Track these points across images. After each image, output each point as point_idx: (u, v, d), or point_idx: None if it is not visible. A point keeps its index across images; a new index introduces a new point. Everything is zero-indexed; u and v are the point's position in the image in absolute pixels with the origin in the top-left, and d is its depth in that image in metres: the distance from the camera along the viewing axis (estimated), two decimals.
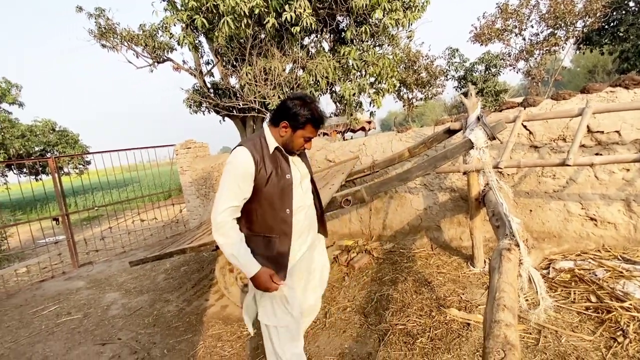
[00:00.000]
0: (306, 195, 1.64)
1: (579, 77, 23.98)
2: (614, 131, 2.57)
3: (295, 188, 1.56)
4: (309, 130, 1.48)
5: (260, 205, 1.49)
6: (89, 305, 3.70)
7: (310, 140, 1.53)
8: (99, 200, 11.13)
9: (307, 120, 1.44)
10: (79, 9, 8.09)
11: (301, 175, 1.61)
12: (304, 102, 1.44)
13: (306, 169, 1.68)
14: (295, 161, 1.61)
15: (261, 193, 1.46)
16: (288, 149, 1.53)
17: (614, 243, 2.71)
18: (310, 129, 1.47)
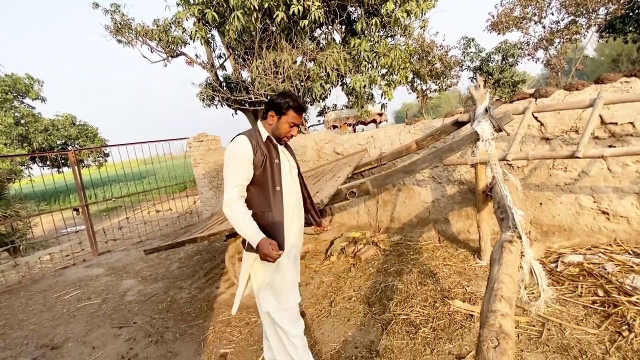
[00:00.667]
0: (295, 183, 1.81)
1: (602, 66, 22.92)
2: (628, 122, 2.49)
3: (285, 174, 1.73)
4: (291, 116, 1.66)
5: (256, 186, 1.67)
6: (108, 291, 3.88)
7: (295, 126, 1.69)
8: (117, 192, 11.51)
9: (289, 106, 1.64)
10: (95, 5, 8.29)
11: (290, 165, 1.78)
12: (284, 94, 1.67)
13: (294, 161, 1.84)
14: (284, 152, 1.78)
15: (257, 174, 1.64)
16: (276, 135, 1.70)
17: (626, 237, 2.64)
18: (292, 114, 1.66)
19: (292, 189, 1.77)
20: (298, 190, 1.84)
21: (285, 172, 1.72)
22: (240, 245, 2.88)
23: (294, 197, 1.78)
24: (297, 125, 1.71)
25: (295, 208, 1.79)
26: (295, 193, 1.79)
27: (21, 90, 15.23)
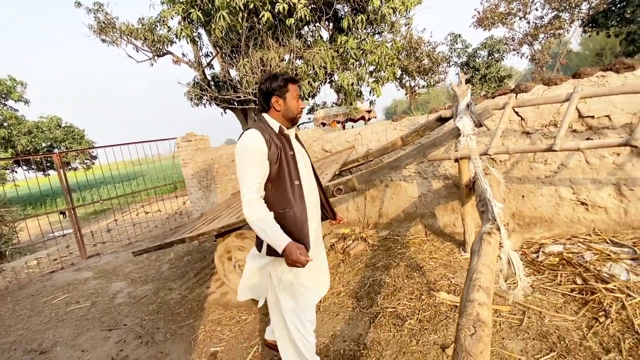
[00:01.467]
0: (311, 176, 1.72)
1: (587, 60, 23.41)
2: (605, 116, 2.58)
3: (301, 167, 1.63)
4: (293, 89, 1.57)
5: (273, 183, 1.53)
6: (97, 294, 3.85)
7: (300, 97, 1.62)
8: (105, 194, 11.35)
9: (285, 80, 1.55)
10: (77, 4, 8.13)
11: (302, 156, 1.69)
12: (273, 76, 1.57)
13: (304, 152, 1.75)
14: (297, 143, 1.69)
15: (273, 169, 1.52)
16: (290, 117, 1.60)
17: (604, 227, 2.74)
18: (293, 87, 1.57)
19: (310, 182, 1.68)
20: (314, 184, 1.74)
21: (301, 165, 1.61)
22: (228, 244, 2.89)
23: (313, 191, 1.69)
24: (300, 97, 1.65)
25: (313, 200, 1.68)
26: (312, 186, 1.70)
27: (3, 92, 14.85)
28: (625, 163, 2.59)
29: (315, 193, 1.73)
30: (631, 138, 1.97)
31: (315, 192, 1.73)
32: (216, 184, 5.84)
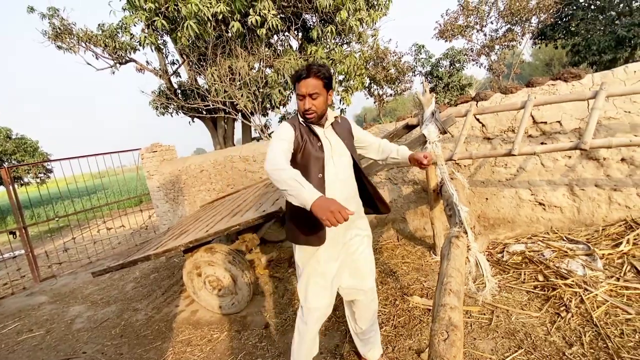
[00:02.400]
0: (339, 169, 1.64)
1: (538, 70, 25.32)
2: (556, 121, 2.77)
3: (327, 160, 1.61)
4: (297, 90, 1.57)
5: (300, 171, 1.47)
6: (52, 320, 3.54)
7: (303, 97, 1.55)
8: (63, 210, 10.57)
9: (293, 80, 1.59)
10: (30, 9, 7.64)
11: (332, 149, 1.64)
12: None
13: (341, 144, 1.67)
14: (327, 134, 1.65)
15: (297, 158, 1.58)
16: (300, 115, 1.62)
17: (560, 225, 2.92)
18: (297, 87, 1.56)
19: (337, 176, 1.62)
20: (347, 178, 1.67)
21: (328, 158, 1.60)
22: (197, 260, 2.77)
23: (340, 185, 1.63)
24: (308, 95, 1.53)
25: (339, 196, 1.58)
26: (340, 181, 1.63)
27: None
28: (576, 165, 2.79)
29: (349, 188, 1.68)
30: (580, 142, 2.13)
31: (349, 186, 1.68)
32: (184, 196, 5.62)
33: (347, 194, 1.67)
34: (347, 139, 1.70)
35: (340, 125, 1.71)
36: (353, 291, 1.79)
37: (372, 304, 1.85)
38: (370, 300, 1.83)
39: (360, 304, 1.81)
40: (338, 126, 1.69)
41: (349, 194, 1.68)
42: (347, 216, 1.22)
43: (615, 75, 2.61)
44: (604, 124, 2.64)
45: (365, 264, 1.79)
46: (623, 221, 2.67)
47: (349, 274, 1.78)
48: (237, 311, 2.83)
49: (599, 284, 2.13)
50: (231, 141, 9.01)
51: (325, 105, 1.61)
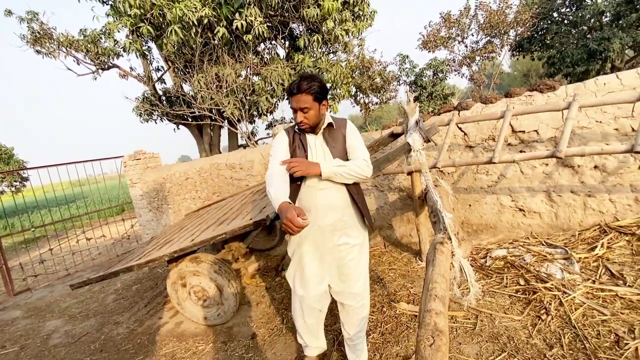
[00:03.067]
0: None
1: (516, 80, 26.31)
2: (533, 130, 2.88)
3: None
4: (290, 103, 1.66)
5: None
6: (27, 336, 3.37)
7: (296, 111, 1.64)
8: (39, 220, 10.15)
9: (287, 96, 1.67)
10: (8, 12, 7.44)
11: (317, 157, 1.71)
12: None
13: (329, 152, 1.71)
14: (317, 141, 1.72)
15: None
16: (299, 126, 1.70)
17: (540, 230, 3.02)
18: (290, 100, 1.65)
19: (318, 184, 1.69)
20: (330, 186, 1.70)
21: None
22: (182, 270, 2.72)
23: (321, 194, 1.69)
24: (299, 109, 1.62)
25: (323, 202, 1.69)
26: (321, 190, 1.69)
27: None
28: (553, 172, 2.90)
29: (333, 197, 1.71)
30: (556, 150, 2.22)
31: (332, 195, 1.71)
32: (168, 205, 5.51)
33: (331, 202, 1.71)
34: (338, 146, 1.73)
35: (334, 132, 1.74)
36: (342, 294, 1.86)
37: (361, 309, 1.88)
38: (359, 306, 1.86)
39: (350, 308, 1.86)
40: (331, 133, 1.73)
41: (334, 203, 1.72)
42: (300, 224, 1.30)
43: (587, 87, 2.76)
44: (578, 133, 2.77)
45: (353, 270, 1.82)
46: (597, 226, 2.79)
47: (338, 277, 1.84)
48: (223, 322, 2.78)
49: (577, 287, 2.21)
50: (217, 148, 8.93)
51: (318, 116, 1.67)
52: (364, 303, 1.89)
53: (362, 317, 1.89)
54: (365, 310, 1.91)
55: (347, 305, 1.86)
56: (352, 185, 1.76)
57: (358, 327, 1.88)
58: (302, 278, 1.84)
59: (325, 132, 1.73)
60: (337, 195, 1.73)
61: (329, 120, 1.74)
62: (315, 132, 1.73)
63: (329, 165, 1.64)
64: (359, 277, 1.85)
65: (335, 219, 1.74)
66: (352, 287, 1.83)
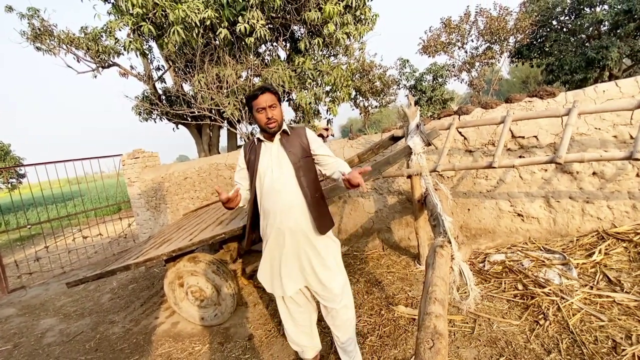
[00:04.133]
0: (276, 180, 1.75)
1: (515, 87, 26.47)
2: (533, 136, 2.90)
3: (264, 173, 1.77)
4: (254, 104, 1.72)
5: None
6: (21, 334, 3.34)
7: (264, 109, 1.71)
8: (35, 218, 10.08)
9: (246, 100, 1.75)
10: (8, 8, 7.42)
11: (277, 161, 1.76)
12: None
13: (284, 156, 1.77)
14: (273, 148, 1.79)
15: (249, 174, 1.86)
16: (262, 127, 1.78)
17: (538, 235, 3.03)
18: (254, 104, 1.72)
19: (272, 187, 1.74)
20: (284, 188, 1.73)
21: (265, 170, 1.76)
22: (180, 270, 2.71)
23: (275, 196, 1.74)
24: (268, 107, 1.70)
25: (274, 207, 1.74)
26: (276, 191, 1.73)
27: None
28: (552, 178, 2.92)
29: (288, 199, 1.74)
30: (555, 156, 2.24)
31: (288, 197, 1.73)
32: (166, 204, 5.49)
33: (286, 204, 1.74)
34: (294, 150, 1.78)
35: (291, 137, 1.81)
36: (320, 295, 1.86)
37: (344, 311, 1.87)
38: (341, 307, 1.85)
39: (334, 311, 1.86)
40: (287, 138, 1.80)
41: (289, 204, 1.74)
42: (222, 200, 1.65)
43: (586, 94, 2.78)
44: (577, 140, 2.79)
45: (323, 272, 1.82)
46: (595, 232, 2.80)
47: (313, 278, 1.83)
48: (220, 322, 2.76)
49: (574, 293, 2.21)
50: (216, 149, 8.91)
51: (282, 116, 1.79)
52: (346, 304, 1.88)
53: (347, 318, 1.88)
54: (350, 312, 1.90)
55: (330, 308, 1.86)
56: (307, 187, 1.76)
57: (346, 331, 1.88)
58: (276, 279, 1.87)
59: (282, 139, 1.80)
60: (293, 197, 1.75)
61: (285, 126, 1.82)
62: (271, 140, 1.80)
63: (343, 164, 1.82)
64: (333, 277, 1.83)
65: (294, 222, 1.75)
66: (329, 288, 1.82)
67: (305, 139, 1.82)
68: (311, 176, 1.80)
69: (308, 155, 1.80)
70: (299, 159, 1.77)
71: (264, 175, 1.77)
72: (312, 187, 1.78)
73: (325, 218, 1.83)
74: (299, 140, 1.81)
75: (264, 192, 1.77)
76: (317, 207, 1.78)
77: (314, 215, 1.76)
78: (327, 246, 1.85)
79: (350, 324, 1.89)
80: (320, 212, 1.80)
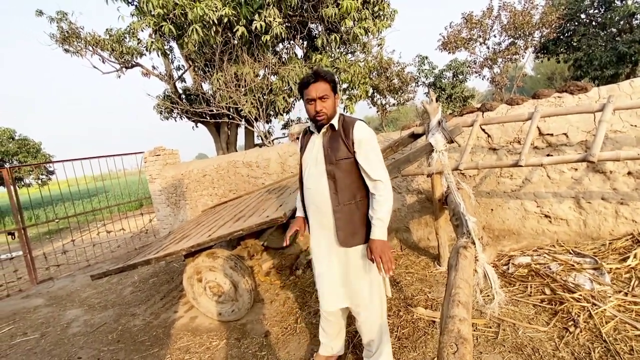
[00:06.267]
0: (310, 177, 1.70)
1: (539, 83, 25.48)
2: (562, 133, 2.76)
3: (306, 166, 1.73)
4: (305, 95, 1.60)
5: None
6: (48, 324, 3.48)
7: (313, 101, 1.58)
8: (63, 212, 10.53)
9: (299, 88, 1.65)
10: (39, 12, 7.76)
11: (315, 156, 1.68)
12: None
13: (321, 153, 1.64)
14: (316, 142, 1.69)
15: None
16: (310, 118, 1.68)
17: (566, 238, 2.88)
18: (305, 93, 1.60)
19: (307, 183, 1.71)
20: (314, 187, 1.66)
21: (305, 164, 1.72)
22: (199, 265, 2.74)
23: (308, 194, 1.72)
24: (318, 99, 1.56)
25: (312, 206, 1.72)
26: (308, 189, 1.71)
27: None
28: (583, 178, 2.77)
29: (318, 199, 1.66)
30: (588, 154, 2.11)
31: (318, 197, 1.66)
32: (186, 200, 5.60)
33: (316, 204, 1.68)
34: (334, 148, 1.60)
35: (336, 133, 1.62)
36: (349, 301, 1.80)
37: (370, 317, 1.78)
38: (366, 316, 1.78)
39: (359, 316, 1.81)
40: (333, 133, 1.63)
41: (317, 205, 1.67)
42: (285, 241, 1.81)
43: (621, 89, 2.61)
44: (611, 137, 2.63)
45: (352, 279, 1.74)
46: (630, 235, 2.64)
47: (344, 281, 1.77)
48: (237, 318, 2.78)
49: (607, 299, 2.09)
50: (234, 147, 9.02)
51: (334, 108, 1.63)
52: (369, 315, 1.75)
53: (371, 325, 1.78)
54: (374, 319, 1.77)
55: (357, 313, 1.80)
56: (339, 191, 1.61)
57: (371, 336, 1.81)
58: (317, 280, 1.86)
59: (327, 132, 1.65)
60: (322, 197, 1.64)
61: (336, 119, 1.65)
62: (318, 131, 1.68)
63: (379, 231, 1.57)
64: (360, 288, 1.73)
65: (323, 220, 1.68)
66: (356, 294, 1.75)
67: (351, 137, 1.59)
68: (348, 180, 1.60)
69: (349, 156, 1.59)
70: (336, 159, 1.59)
71: (304, 169, 1.73)
72: (346, 192, 1.60)
73: (358, 231, 1.63)
74: (344, 137, 1.59)
75: (304, 186, 1.76)
76: (346, 217, 1.60)
77: (338, 225, 1.61)
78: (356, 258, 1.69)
79: (375, 330, 1.79)
80: (350, 222, 1.61)
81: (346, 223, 1.61)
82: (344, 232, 1.62)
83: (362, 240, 1.65)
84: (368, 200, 1.65)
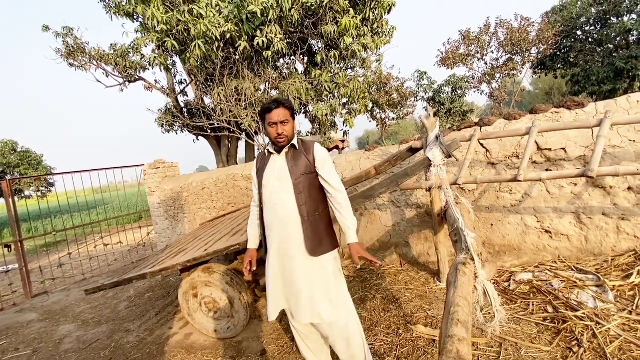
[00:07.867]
0: (274, 193, 1.75)
1: (537, 98, 25.76)
2: (561, 148, 2.76)
3: (267, 183, 1.78)
4: (267, 118, 1.73)
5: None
6: (40, 339, 3.41)
7: (275, 124, 1.71)
8: (61, 225, 10.47)
9: (261, 113, 1.76)
10: (45, 28, 7.93)
11: (278, 174, 1.76)
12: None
13: (285, 169, 1.75)
14: (278, 161, 1.79)
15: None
16: (272, 140, 1.78)
17: (568, 254, 2.84)
18: (266, 116, 1.73)
19: (270, 200, 1.76)
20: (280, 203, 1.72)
21: (267, 181, 1.77)
22: (194, 280, 2.70)
23: (272, 209, 1.76)
24: (279, 122, 1.70)
25: (273, 221, 1.76)
26: (273, 204, 1.75)
27: None
28: (583, 193, 2.75)
29: (284, 213, 1.72)
30: (587, 169, 2.10)
31: (284, 212, 1.72)
32: (184, 214, 5.57)
33: (282, 219, 1.73)
34: (298, 165, 1.74)
35: (298, 151, 1.78)
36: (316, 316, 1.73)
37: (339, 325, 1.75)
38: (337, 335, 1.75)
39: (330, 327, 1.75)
40: (295, 152, 1.78)
41: (284, 220, 1.73)
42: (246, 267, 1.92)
43: (618, 105, 2.63)
44: (609, 152, 2.63)
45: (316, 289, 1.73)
46: (632, 251, 2.60)
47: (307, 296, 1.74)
48: (233, 335, 2.71)
49: (612, 318, 2.04)
50: (234, 160, 9.05)
51: (293, 132, 1.78)
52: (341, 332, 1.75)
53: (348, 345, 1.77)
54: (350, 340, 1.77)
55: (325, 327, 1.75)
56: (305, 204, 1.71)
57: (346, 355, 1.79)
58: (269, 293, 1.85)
59: (289, 153, 1.78)
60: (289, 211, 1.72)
61: (295, 140, 1.80)
62: (279, 152, 1.79)
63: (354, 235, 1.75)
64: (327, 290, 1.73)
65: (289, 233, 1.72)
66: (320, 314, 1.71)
67: (312, 155, 1.76)
68: (312, 193, 1.74)
69: (312, 172, 1.75)
70: (301, 174, 1.73)
71: (266, 188, 1.78)
72: (311, 204, 1.73)
73: (323, 240, 1.74)
74: (306, 155, 1.76)
75: (265, 204, 1.80)
76: (314, 227, 1.72)
77: (307, 234, 1.70)
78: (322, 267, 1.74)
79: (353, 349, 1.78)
80: (316, 232, 1.72)
81: (314, 233, 1.73)
82: (312, 241, 1.72)
83: (328, 248, 1.77)
84: (327, 212, 1.83)
